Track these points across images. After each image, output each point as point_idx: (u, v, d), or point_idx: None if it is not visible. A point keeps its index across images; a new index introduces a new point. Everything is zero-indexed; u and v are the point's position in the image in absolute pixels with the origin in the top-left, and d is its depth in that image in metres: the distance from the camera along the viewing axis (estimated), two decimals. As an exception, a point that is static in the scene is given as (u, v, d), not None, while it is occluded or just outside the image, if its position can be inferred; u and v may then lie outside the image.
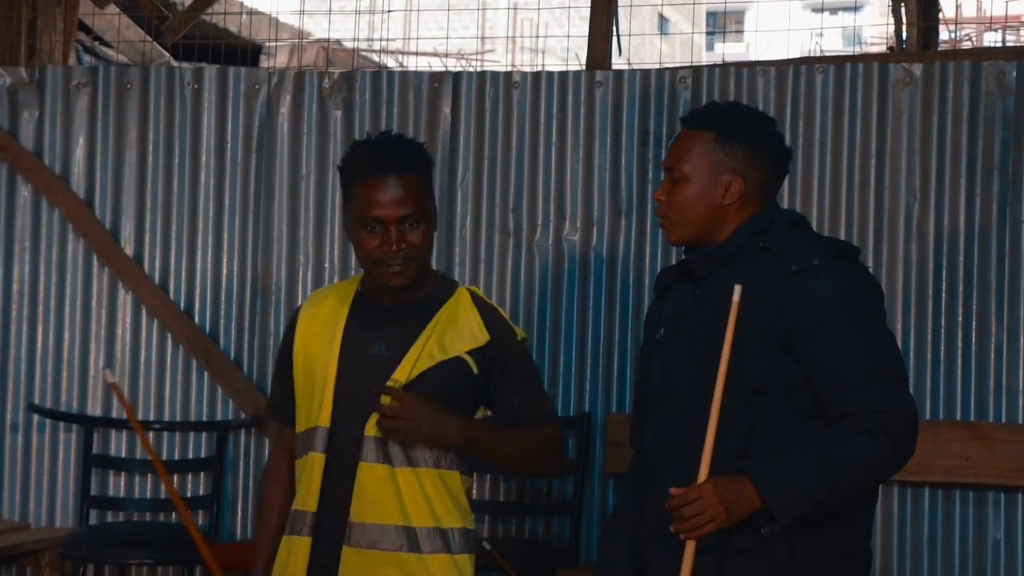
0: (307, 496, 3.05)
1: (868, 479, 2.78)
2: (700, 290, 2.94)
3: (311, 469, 3.05)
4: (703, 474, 2.71)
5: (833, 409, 2.78)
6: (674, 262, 3.45)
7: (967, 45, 11.06)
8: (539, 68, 5.65)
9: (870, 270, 3.02)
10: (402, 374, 3.03)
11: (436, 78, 5.45)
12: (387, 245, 3.02)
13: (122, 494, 5.48)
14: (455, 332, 3.09)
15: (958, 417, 4.95)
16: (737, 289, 2.74)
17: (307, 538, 3.04)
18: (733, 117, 2.97)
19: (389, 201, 3.01)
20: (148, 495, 5.48)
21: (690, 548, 2.71)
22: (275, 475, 3.21)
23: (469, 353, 3.08)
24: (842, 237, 5.04)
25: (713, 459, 2.75)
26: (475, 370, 3.08)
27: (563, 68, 5.67)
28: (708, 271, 2.93)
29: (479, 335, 3.11)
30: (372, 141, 3.12)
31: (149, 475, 5.49)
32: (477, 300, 3.14)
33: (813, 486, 2.70)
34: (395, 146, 3.07)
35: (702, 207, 2.91)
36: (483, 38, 14.97)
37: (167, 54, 7.54)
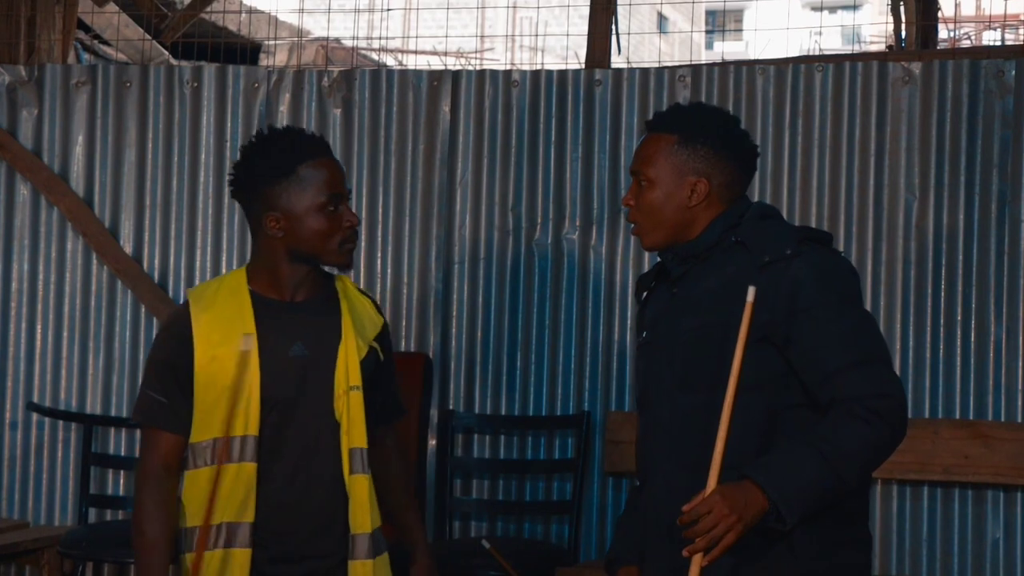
0: (243, 507, 2.97)
1: (866, 464, 2.77)
2: (677, 289, 2.95)
3: (244, 479, 2.97)
4: (712, 483, 2.69)
5: (821, 396, 2.78)
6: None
7: (966, 44, 11.06)
8: (538, 67, 5.66)
9: (843, 254, 3.03)
10: (355, 377, 3.01)
11: (435, 77, 5.45)
12: (349, 221, 3.03)
13: (121, 492, 5.48)
14: (360, 321, 3.08)
15: (957, 416, 4.95)
16: (751, 290, 2.74)
17: (248, 549, 2.98)
18: (695, 118, 2.97)
19: (343, 177, 3.07)
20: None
21: (696, 562, 2.70)
22: (156, 485, 3.03)
23: (375, 340, 3.10)
24: (841, 235, 5.05)
25: (703, 458, 2.75)
26: (381, 356, 3.11)
27: (562, 67, 5.67)
28: (683, 270, 2.94)
29: (377, 320, 3.14)
30: (287, 129, 3.14)
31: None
32: (358, 288, 3.18)
33: (815, 479, 2.70)
34: (312, 133, 3.12)
35: (669, 210, 2.91)
36: (482, 37, 14.98)
37: (166, 52, 7.54)
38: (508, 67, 5.73)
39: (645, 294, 3.09)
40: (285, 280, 3.05)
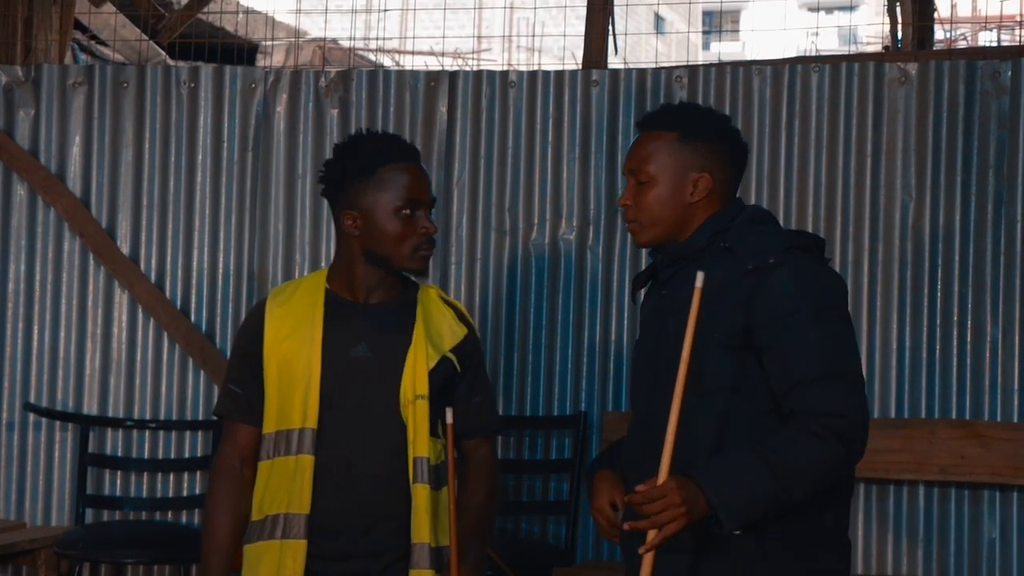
0: (299, 498, 3.01)
1: (815, 482, 2.74)
2: (666, 291, 2.95)
3: (301, 471, 3.01)
4: (663, 473, 2.69)
5: (784, 406, 2.77)
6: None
7: (962, 44, 11.07)
8: (535, 67, 5.66)
9: (833, 263, 3.02)
10: (422, 387, 3.03)
11: (432, 77, 5.45)
12: (425, 228, 3.06)
13: (118, 493, 5.48)
14: (437, 331, 3.10)
15: (953, 416, 4.95)
16: (700, 276, 2.73)
17: (303, 541, 3.01)
18: (693, 116, 2.98)
19: (426, 185, 3.10)
20: (144, 494, 5.48)
21: (648, 560, 2.70)
22: (227, 478, 3.09)
23: (452, 350, 3.10)
24: (838, 236, 5.05)
25: (676, 458, 2.75)
26: (458, 368, 3.11)
27: (559, 67, 5.68)
28: (672, 272, 2.94)
29: (458, 331, 3.14)
30: (380, 133, 3.19)
31: (145, 474, 5.49)
32: (443, 297, 3.19)
33: (760, 491, 2.69)
34: (403, 139, 3.16)
35: (671, 206, 2.91)
36: (479, 37, 14.99)
37: (163, 53, 7.54)
38: (505, 68, 5.73)
39: (643, 293, 3.09)
40: (360, 281, 3.09)
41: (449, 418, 2.98)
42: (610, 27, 5.54)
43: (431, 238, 3.08)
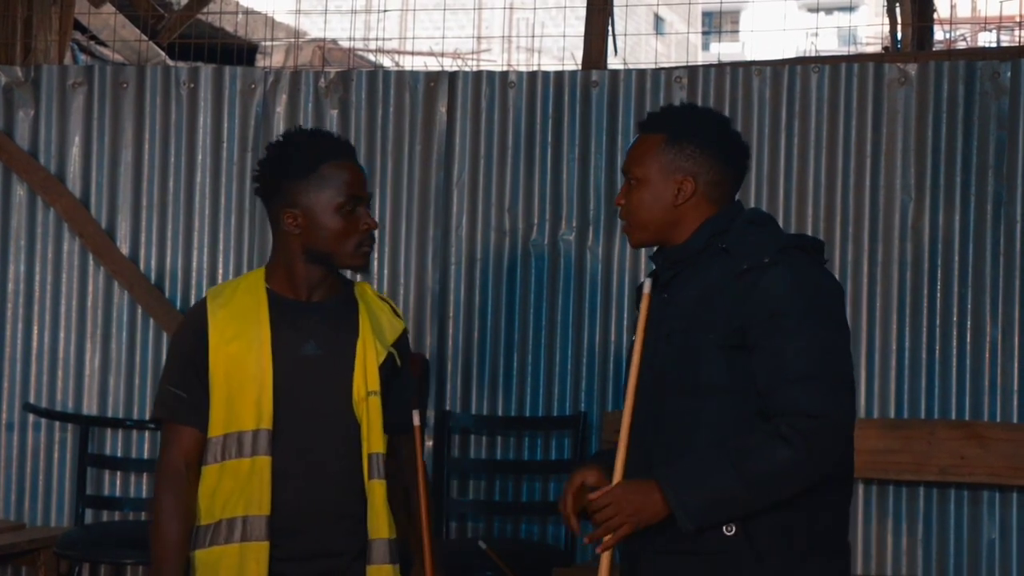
0: (258, 500, 2.98)
1: (782, 486, 2.73)
2: (666, 294, 2.95)
3: (258, 473, 2.99)
4: (617, 476, 2.72)
5: (765, 406, 2.77)
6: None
7: (962, 45, 11.07)
8: (535, 68, 5.66)
9: (832, 264, 3.02)
10: (373, 383, 3.02)
11: (432, 78, 5.46)
12: (367, 224, 3.05)
13: (118, 493, 5.48)
14: (379, 326, 3.10)
15: (953, 416, 4.96)
16: (647, 282, 2.80)
17: (265, 543, 2.99)
18: (683, 118, 2.98)
19: (364, 181, 3.09)
20: (144, 494, 5.47)
21: (605, 559, 2.73)
22: (175, 482, 3.04)
23: (393, 345, 3.11)
24: (837, 236, 5.05)
25: (642, 460, 2.77)
26: (398, 362, 3.11)
27: (559, 68, 5.68)
28: (671, 275, 2.94)
29: (396, 324, 3.15)
30: (315, 130, 3.19)
31: (145, 474, 5.49)
32: (377, 294, 3.19)
33: (722, 492, 2.70)
34: (338, 136, 3.14)
35: (657, 209, 2.92)
36: (479, 38, 14.98)
37: (163, 53, 7.54)
38: (505, 68, 5.73)
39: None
40: (301, 280, 3.07)
41: (416, 420, 2.99)
42: (610, 28, 5.54)
43: (372, 234, 3.07)
